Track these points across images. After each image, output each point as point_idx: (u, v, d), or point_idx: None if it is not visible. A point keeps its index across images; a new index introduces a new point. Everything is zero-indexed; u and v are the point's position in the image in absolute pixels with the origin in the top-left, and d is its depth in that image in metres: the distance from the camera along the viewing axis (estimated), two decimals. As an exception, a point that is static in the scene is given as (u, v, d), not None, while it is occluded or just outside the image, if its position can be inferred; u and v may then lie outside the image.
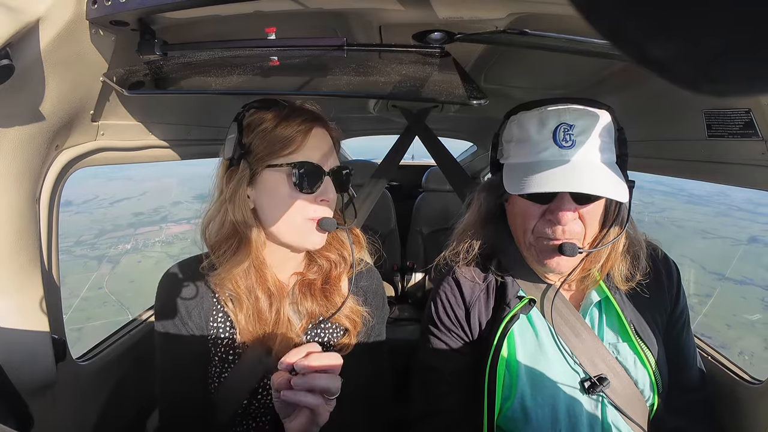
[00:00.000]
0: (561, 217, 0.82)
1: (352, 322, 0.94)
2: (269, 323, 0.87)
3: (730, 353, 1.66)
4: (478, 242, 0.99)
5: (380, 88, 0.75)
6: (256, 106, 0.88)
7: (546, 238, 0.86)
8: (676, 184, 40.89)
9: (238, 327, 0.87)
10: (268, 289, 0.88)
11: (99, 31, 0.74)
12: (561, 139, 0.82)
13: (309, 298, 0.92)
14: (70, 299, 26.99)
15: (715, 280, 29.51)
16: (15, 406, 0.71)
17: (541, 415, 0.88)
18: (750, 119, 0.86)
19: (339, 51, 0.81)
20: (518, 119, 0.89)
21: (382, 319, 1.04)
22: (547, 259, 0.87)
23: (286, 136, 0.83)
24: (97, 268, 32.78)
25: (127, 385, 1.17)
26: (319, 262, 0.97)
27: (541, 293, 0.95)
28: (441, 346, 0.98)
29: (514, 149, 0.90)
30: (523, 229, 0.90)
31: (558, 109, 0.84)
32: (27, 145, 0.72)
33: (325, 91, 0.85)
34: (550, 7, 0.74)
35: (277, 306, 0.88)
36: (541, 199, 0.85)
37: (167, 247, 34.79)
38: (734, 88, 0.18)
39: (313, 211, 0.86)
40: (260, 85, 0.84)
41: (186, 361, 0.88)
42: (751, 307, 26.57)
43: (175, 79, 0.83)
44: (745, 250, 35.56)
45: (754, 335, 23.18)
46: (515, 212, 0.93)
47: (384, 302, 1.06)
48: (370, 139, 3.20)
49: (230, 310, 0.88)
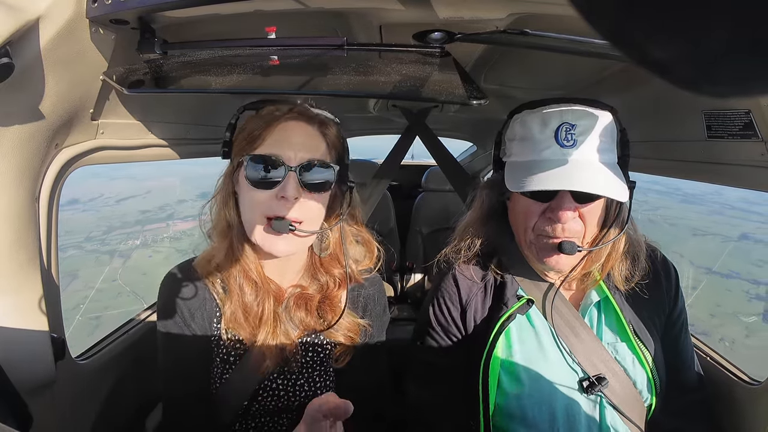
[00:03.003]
0: (561, 216, 0.83)
1: (348, 338, 0.93)
2: (258, 319, 0.87)
3: (710, 340, 1.72)
4: (480, 240, 1.00)
5: (380, 88, 0.75)
6: (250, 107, 0.89)
7: (546, 236, 0.87)
8: (671, 183, 41.43)
9: (224, 319, 0.87)
10: (254, 282, 0.87)
11: (99, 29, 0.74)
12: (563, 139, 0.83)
13: (303, 311, 0.91)
14: (86, 291, 27.94)
15: (702, 273, 30.49)
16: (14, 405, 0.71)
17: (539, 413, 0.88)
18: (750, 120, 0.86)
19: (339, 50, 0.81)
20: (521, 118, 0.90)
21: (382, 327, 1.03)
22: (546, 257, 0.88)
23: (252, 129, 0.82)
24: (109, 262, 33.46)
25: (126, 384, 1.17)
26: (321, 280, 0.95)
27: (541, 292, 0.95)
28: (434, 344, 0.99)
29: (516, 148, 0.90)
30: (524, 227, 0.90)
31: (561, 110, 0.84)
32: (27, 144, 0.71)
33: (325, 90, 0.85)
34: (550, 7, 0.74)
35: (264, 301, 0.87)
36: (542, 197, 0.85)
37: (176, 243, 35.21)
38: (734, 89, 0.18)
39: (268, 209, 0.80)
40: (260, 85, 0.84)
41: (189, 361, 0.88)
42: (734, 298, 27.90)
43: (174, 78, 0.83)
44: (735, 246, 36.32)
45: (736, 324, 24.19)
46: (516, 210, 0.93)
47: (385, 310, 1.05)
48: (367, 138, 3.20)
49: (219, 303, 0.88)
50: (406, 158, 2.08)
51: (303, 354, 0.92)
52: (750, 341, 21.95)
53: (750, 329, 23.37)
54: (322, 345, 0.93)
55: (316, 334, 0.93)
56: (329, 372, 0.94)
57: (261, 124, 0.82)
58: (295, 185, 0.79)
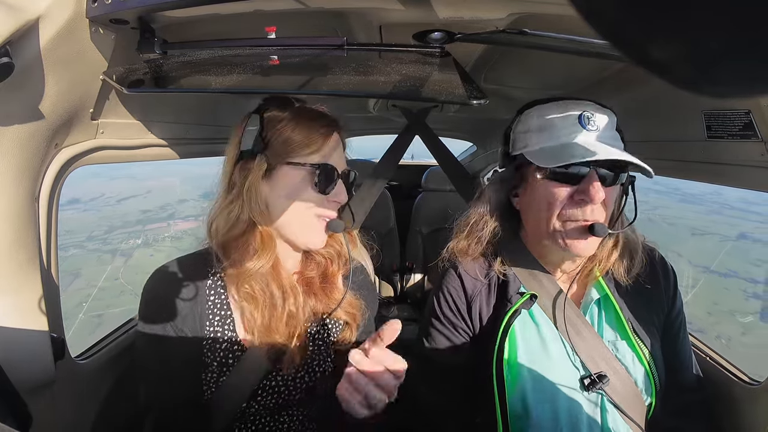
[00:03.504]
0: (593, 196, 0.81)
1: (351, 315, 0.96)
2: (282, 321, 0.87)
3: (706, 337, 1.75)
4: (486, 236, 0.99)
5: (380, 88, 0.75)
6: (275, 104, 0.88)
7: (574, 220, 0.85)
8: (671, 183, 41.81)
9: (246, 326, 0.86)
10: (282, 285, 0.88)
11: (99, 29, 0.74)
12: (587, 124, 0.85)
13: (312, 296, 0.93)
14: (88, 289, 28.22)
15: (699, 272, 30.80)
16: (14, 405, 0.71)
17: (542, 411, 0.88)
18: (750, 120, 0.86)
19: (339, 50, 0.81)
20: (537, 110, 0.91)
21: (373, 314, 1.07)
22: (575, 241, 0.86)
23: (309, 136, 0.85)
24: (111, 261, 33.80)
25: (126, 384, 1.17)
26: (317, 259, 0.98)
27: (544, 289, 0.95)
28: (443, 340, 0.99)
29: (535, 137, 0.90)
30: (547, 215, 0.87)
31: (577, 102, 0.88)
32: (26, 144, 0.71)
33: (325, 90, 0.85)
34: (550, 7, 0.74)
35: (289, 302, 0.88)
36: (571, 179, 0.84)
37: (177, 242, 35.39)
38: (734, 89, 0.18)
39: (325, 211, 0.88)
40: (260, 85, 0.84)
41: (178, 366, 0.84)
42: (732, 296, 28.19)
43: (174, 78, 0.83)
44: (733, 246, 36.58)
45: (732, 323, 24.45)
46: (537, 199, 0.89)
47: (375, 298, 1.09)
48: (367, 139, 3.19)
49: (239, 309, 0.87)
50: (406, 158, 2.08)
51: (308, 345, 0.92)
52: (746, 339, 22.21)
53: (746, 327, 23.63)
54: (327, 334, 0.95)
55: (322, 324, 0.94)
56: (326, 360, 0.94)
57: (320, 133, 0.87)
58: (344, 191, 0.91)
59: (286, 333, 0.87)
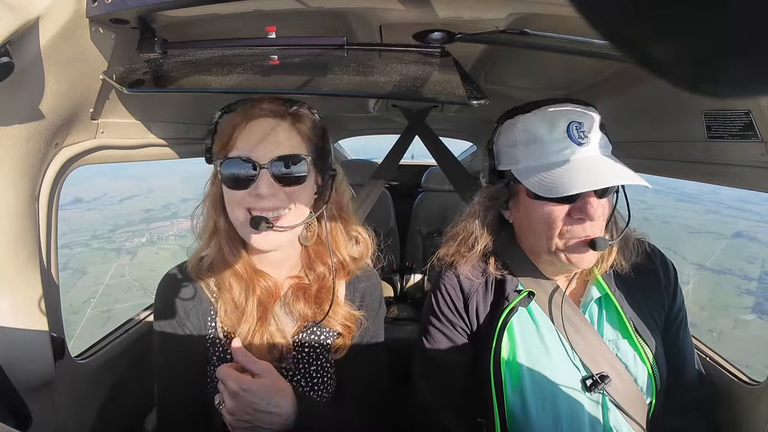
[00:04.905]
0: (592, 213, 0.81)
1: (345, 327, 0.94)
2: (249, 316, 0.87)
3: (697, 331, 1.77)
4: (479, 249, 0.97)
5: (380, 88, 0.74)
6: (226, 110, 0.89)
7: (575, 237, 0.85)
8: (668, 183, 42.19)
9: (219, 317, 0.90)
10: (241, 278, 0.89)
11: (99, 29, 0.74)
12: (577, 137, 0.83)
13: (302, 301, 0.92)
14: (95, 286, 29.19)
15: (694, 269, 31.25)
16: (14, 405, 0.71)
17: (542, 411, 0.88)
18: (750, 120, 0.86)
19: (339, 50, 0.81)
20: (521, 122, 0.88)
21: (378, 322, 1.03)
22: (578, 257, 0.85)
23: (224, 131, 0.85)
24: (117, 259, 34.35)
25: (125, 384, 1.17)
26: (318, 270, 0.96)
27: (543, 289, 0.95)
28: (442, 339, 0.98)
29: (523, 153, 0.88)
30: (547, 235, 0.87)
31: (563, 109, 0.85)
32: (26, 143, 0.71)
33: (326, 90, 0.85)
34: (550, 7, 0.74)
35: (252, 297, 0.88)
36: (568, 199, 0.83)
37: (181, 240, 35.70)
38: (734, 90, 0.18)
39: (247, 206, 0.83)
40: (260, 84, 0.84)
41: (183, 361, 0.89)
42: (725, 293, 28.83)
43: (174, 78, 0.83)
44: (728, 244, 37.01)
45: (725, 317, 24.95)
46: (534, 219, 0.88)
47: (381, 304, 1.05)
48: (365, 138, 3.19)
49: (223, 306, 0.89)
50: (406, 158, 2.08)
51: (299, 350, 0.92)
52: (737, 332, 22.74)
53: (738, 323, 24.09)
54: (319, 340, 0.94)
55: (313, 329, 0.94)
56: (326, 368, 0.94)
57: (231, 126, 0.84)
58: (268, 182, 0.81)
59: (260, 330, 0.88)
